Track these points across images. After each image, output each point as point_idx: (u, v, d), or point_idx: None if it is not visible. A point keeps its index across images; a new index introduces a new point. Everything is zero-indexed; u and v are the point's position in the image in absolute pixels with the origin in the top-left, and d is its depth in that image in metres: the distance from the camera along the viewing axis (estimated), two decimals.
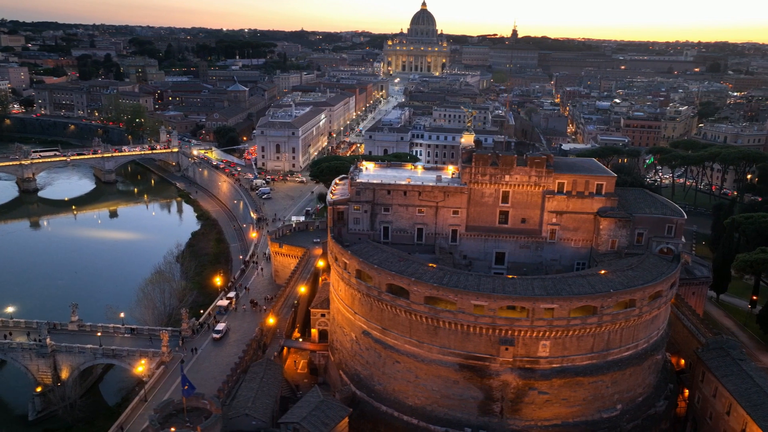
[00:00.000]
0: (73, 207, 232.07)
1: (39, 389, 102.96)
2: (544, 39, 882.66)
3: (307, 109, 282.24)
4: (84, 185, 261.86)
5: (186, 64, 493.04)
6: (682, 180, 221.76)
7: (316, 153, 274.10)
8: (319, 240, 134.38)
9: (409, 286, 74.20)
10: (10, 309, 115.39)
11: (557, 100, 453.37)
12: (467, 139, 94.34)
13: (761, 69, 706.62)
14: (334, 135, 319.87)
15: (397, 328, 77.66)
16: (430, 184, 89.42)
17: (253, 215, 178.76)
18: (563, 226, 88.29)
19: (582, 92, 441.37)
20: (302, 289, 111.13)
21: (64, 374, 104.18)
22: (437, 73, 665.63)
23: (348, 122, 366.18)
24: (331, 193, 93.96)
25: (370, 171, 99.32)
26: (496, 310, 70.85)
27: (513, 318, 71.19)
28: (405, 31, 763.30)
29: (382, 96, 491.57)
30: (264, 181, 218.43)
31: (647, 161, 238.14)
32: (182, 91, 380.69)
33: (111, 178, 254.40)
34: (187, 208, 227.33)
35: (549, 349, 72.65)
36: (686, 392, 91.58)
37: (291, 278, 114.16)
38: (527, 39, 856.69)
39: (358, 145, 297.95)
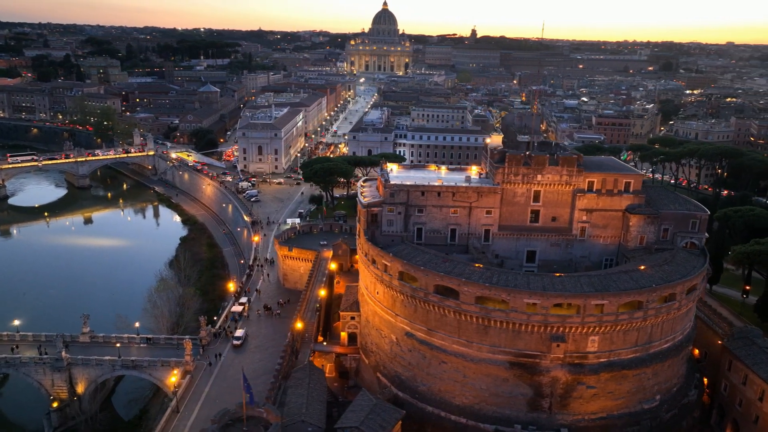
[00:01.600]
0: (46, 214, 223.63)
1: (55, 404, 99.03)
2: (503, 39, 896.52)
3: (285, 110, 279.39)
4: (56, 191, 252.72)
5: (149, 65, 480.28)
6: (652, 176, 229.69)
7: (296, 154, 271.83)
8: (326, 242, 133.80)
9: (460, 286, 74.80)
10: (16, 322, 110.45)
11: (523, 99, 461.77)
12: (495, 140, 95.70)
13: (710, 68, 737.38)
14: (312, 136, 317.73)
15: (445, 328, 78.16)
16: (464, 185, 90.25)
17: (247, 218, 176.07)
18: (593, 224, 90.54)
19: (548, 91, 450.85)
20: (322, 293, 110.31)
21: (80, 388, 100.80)
22: (401, 73, 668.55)
23: (321, 123, 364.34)
24: (362, 195, 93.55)
25: (394, 172, 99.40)
26: (548, 308, 72.19)
27: (564, 315, 72.68)
28: (366, 30, 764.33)
29: (350, 96, 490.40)
30: (250, 184, 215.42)
31: (622, 157, 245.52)
32: (149, 93, 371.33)
33: (85, 183, 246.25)
34: (170, 213, 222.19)
35: (597, 344, 74.51)
36: (705, 381, 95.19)
37: (309, 282, 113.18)
38: (486, 39, 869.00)
39: (336, 145, 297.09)
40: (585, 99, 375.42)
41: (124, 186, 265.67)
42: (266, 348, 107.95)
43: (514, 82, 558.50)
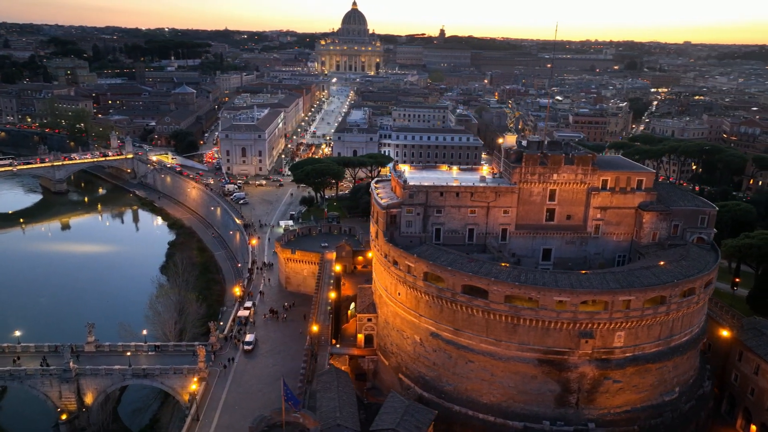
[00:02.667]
0: (22, 220, 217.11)
1: (64, 417, 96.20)
2: (471, 38, 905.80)
3: (266, 111, 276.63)
4: (31, 197, 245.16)
5: (118, 66, 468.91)
6: None
7: (278, 156, 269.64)
8: (327, 244, 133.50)
9: (489, 286, 75.45)
10: (17, 333, 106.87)
11: (496, 97, 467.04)
12: (509, 140, 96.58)
13: (671, 67, 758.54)
14: (293, 137, 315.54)
15: (472, 328, 78.72)
16: (482, 184, 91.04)
17: (238, 221, 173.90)
18: (607, 221, 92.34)
19: (520, 90, 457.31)
20: (332, 295, 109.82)
21: (89, 399, 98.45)
22: (372, 73, 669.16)
23: (300, 123, 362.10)
24: (378, 196, 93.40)
25: (406, 174, 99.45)
26: (577, 305, 73.42)
27: (593, 312, 74.03)
28: (335, 30, 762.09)
29: (324, 96, 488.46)
30: (236, 186, 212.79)
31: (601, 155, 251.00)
32: (121, 94, 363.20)
33: (62, 188, 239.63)
34: (154, 217, 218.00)
35: (623, 339, 76.10)
36: None
37: (318, 284, 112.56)
38: (455, 38, 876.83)
39: (317, 146, 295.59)
40: (559, 98, 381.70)
41: (102, 190, 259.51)
42: (278, 352, 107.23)
43: (486, 81, 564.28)
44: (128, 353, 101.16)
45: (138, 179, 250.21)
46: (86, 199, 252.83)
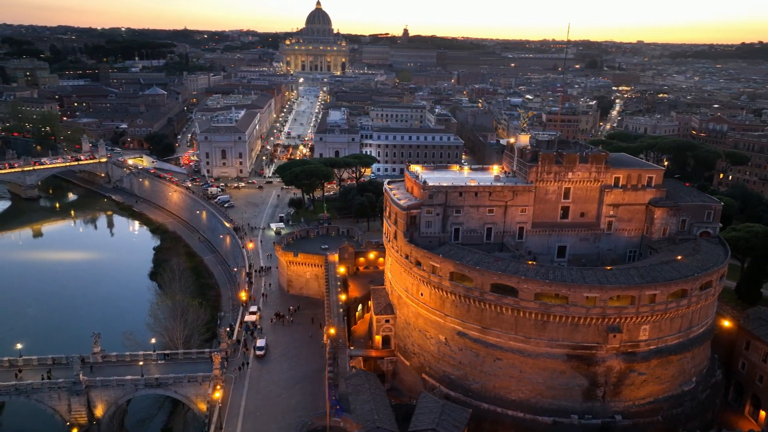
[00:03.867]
0: None
1: (75, 431, 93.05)
2: (434, 38, 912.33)
3: (243, 112, 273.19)
4: None
5: (80, 67, 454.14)
6: None
7: (256, 157, 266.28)
8: (327, 246, 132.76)
9: (519, 284, 76.53)
10: (19, 346, 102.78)
11: (465, 95, 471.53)
12: (523, 140, 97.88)
13: (630, 65, 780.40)
14: (268, 138, 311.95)
15: (500, 326, 79.69)
16: (499, 184, 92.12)
17: (228, 225, 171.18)
18: (619, 218, 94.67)
19: (489, 89, 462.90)
20: (343, 297, 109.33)
21: (99, 411, 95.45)
22: (338, 73, 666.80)
23: (272, 124, 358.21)
24: (395, 197, 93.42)
25: (421, 175, 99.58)
26: (606, 301, 75.15)
27: (621, 306, 75.88)
28: (299, 30, 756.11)
29: (293, 97, 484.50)
30: (220, 189, 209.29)
31: None
32: (87, 96, 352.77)
33: (33, 194, 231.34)
34: (135, 222, 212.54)
35: (648, 333, 78.24)
36: None
37: (328, 287, 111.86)
38: (418, 38, 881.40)
39: (294, 147, 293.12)
40: (529, 96, 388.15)
41: (73, 195, 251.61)
42: (291, 357, 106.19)
43: (453, 80, 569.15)
44: (140, 363, 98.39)
45: (113, 183, 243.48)
46: (58, 205, 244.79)
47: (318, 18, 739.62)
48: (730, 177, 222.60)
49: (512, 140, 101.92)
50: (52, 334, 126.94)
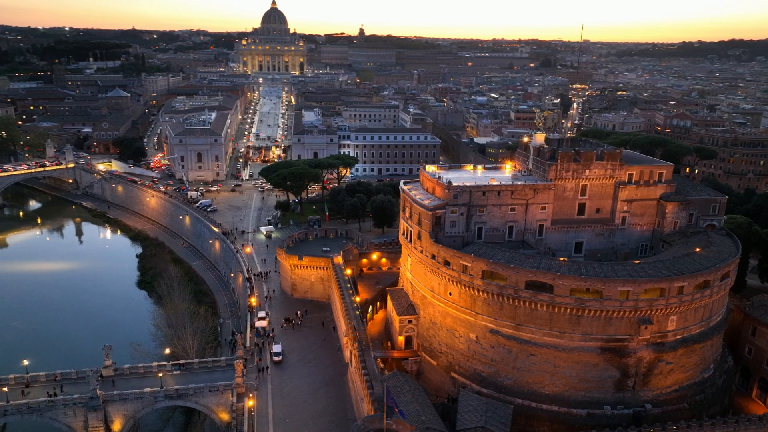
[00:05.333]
0: None
1: None
2: (390, 37, 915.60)
3: (215, 114, 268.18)
4: None
5: (31, 68, 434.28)
6: None
7: (230, 160, 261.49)
8: (328, 248, 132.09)
9: (554, 280, 78.02)
10: (26, 362, 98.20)
11: (427, 94, 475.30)
12: (538, 138, 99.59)
13: (582, 64, 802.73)
14: (239, 141, 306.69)
15: (535, 322, 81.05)
16: (520, 183, 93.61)
17: (216, 229, 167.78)
18: (632, 213, 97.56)
19: (453, 88, 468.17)
20: (357, 299, 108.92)
21: (117, 426, 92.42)
22: (296, 73, 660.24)
23: (238, 126, 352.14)
24: (417, 198, 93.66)
25: (442, 175, 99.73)
26: (638, 294, 77.51)
27: (652, 299, 78.34)
28: (252, 30, 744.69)
29: (255, 98, 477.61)
30: (200, 193, 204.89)
31: None
32: (43, 99, 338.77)
33: None
34: (111, 230, 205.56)
35: (675, 323, 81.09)
36: None
37: (340, 290, 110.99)
38: (374, 37, 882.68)
39: (266, 149, 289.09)
40: (494, 95, 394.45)
41: (40, 203, 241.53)
42: (308, 361, 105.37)
43: (414, 80, 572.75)
44: (159, 374, 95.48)
45: (82, 190, 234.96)
46: (22, 213, 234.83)
47: (274, 17, 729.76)
48: (696, 171, 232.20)
49: (526, 139, 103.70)
50: (46, 347, 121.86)
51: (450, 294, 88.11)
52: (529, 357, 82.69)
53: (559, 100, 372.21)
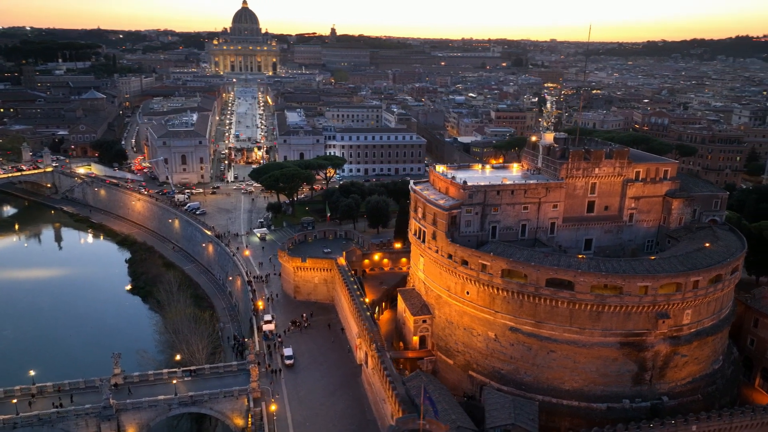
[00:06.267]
0: None
1: None
2: (362, 37, 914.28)
3: (196, 116, 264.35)
4: None
5: None
6: None
7: (212, 162, 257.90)
8: (329, 250, 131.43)
9: (575, 277, 79.17)
10: (32, 372, 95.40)
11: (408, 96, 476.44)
12: (548, 138, 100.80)
13: (552, 63, 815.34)
14: (219, 143, 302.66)
15: (555, 319, 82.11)
16: (533, 182, 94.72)
17: (209, 233, 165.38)
18: (639, 209, 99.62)
19: (430, 88, 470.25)
20: (367, 300, 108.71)
21: None
22: (270, 73, 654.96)
23: (217, 127, 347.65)
24: (431, 198, 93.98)
25: (455, 175, 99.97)
26: (657, 289, 79.21)
27: (669, 293, 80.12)
28: (223, 29, 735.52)
29: (231, 98, 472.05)
30: (187, 196, 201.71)
31: None
32: (12, 101, 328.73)
33: None
34: (95, 234, 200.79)
35: (690, 316, 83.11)
36: None
37: (349, 291, 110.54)
38: (346, 37, 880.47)
39: (248, 150, 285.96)
40: (472, 95, 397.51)
41: (17, 209, 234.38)
42: (320, 363, 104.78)
43: (390, 80, 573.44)
44: (174, 381, 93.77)
45: (62, 194, 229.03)
46: None
47: (245, 17, 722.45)
48: None
49: (534, 138, 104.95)
50: (43, 356, 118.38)
51: (467, 293, 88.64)
52: (549, 354, 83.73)
53: (537, 99, 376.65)
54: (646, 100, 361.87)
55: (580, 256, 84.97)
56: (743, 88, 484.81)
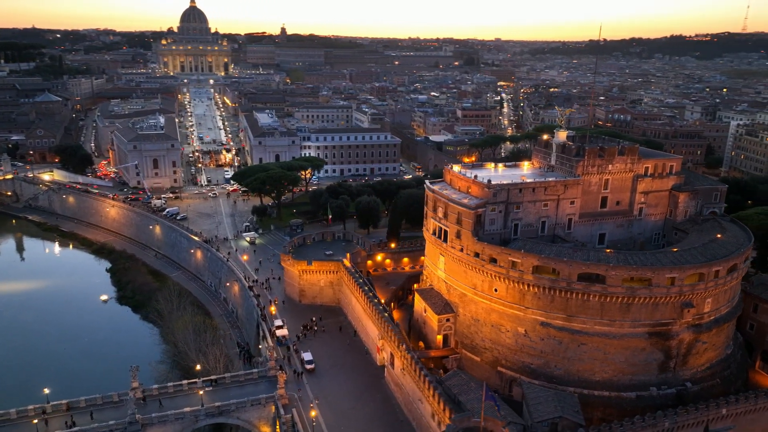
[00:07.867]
0: None
1: None
2: (312, 36, 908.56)
3: (163, 118, 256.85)
4: None
5: None
6: None
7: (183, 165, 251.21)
8: (331, 252, 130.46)
9: (607, 271, 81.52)
10: (46, 390, 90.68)
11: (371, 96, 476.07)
12: (561, 136, 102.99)
13: (502, 62, 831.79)
14: (186, 144, 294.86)
15: (586, 312, 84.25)
16: (551, 179, 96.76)
17: (196, 238, 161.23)
18: (648, 204, 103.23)
19: (390, 87, 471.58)
20: (382, 300, 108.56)
21: None
22: (222, 74, 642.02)
23: (180, 129, 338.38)
24: (453, 197, 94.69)
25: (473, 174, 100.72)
26: (683, 279, 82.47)
27: (693, 284, 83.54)
28: (170, 29, 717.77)
29: (186, 99, 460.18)
30: (163, 201, 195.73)
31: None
32: None
33: None
34: (65, 243, 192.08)
35: (710, 305, 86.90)
36: None
37: (361, 293, 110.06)
38: (296, 37, 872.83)
39: (216, 153, 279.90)
40: (435, 93, 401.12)
41: None
42: (340, 366, 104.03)
43: (347, 79, 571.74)
44: (200, 392, 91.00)
45: (24, 202, 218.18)
46: None
47: (194, 16, 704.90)
48: None
49: (545, 137, 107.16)
50: (46, 373, 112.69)
51: (495, 290, 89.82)
52: (579, 346, 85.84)
53: (499, 97, 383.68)
54: (602, 98, 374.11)
55: (608, 250, 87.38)
56: (687, 85, 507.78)
